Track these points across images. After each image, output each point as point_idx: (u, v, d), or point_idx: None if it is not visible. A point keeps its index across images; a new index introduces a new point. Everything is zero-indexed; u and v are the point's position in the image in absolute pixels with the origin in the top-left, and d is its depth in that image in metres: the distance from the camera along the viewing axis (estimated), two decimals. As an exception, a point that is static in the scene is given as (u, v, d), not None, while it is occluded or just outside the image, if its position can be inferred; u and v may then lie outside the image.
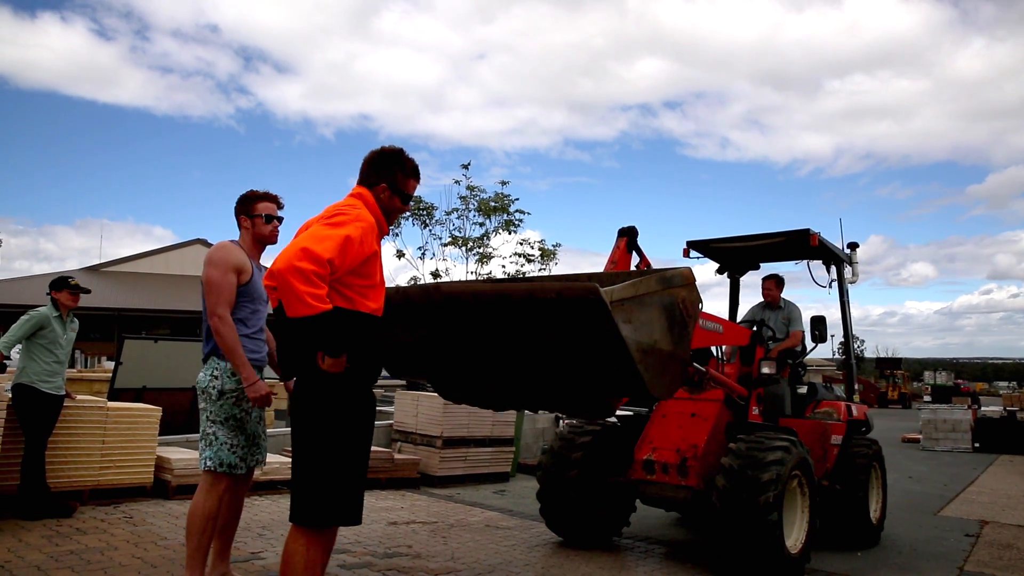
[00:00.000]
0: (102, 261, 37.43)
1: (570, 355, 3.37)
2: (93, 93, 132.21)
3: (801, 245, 6.21)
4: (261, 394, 3.46)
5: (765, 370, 5.60)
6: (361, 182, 3.00)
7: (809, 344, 6.37)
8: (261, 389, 3.47)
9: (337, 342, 2.66)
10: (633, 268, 5.59)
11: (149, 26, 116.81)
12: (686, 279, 3.81)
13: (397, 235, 20.47)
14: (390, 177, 2.97)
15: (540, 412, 9.63)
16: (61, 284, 5.50)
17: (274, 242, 3.80)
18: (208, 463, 3.50)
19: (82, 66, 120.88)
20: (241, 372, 3.44)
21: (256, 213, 3.73)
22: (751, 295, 13.46)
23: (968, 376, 78.34)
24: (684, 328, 3.74)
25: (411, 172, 3.03)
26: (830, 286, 6.79)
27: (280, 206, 3.82)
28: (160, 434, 6.43)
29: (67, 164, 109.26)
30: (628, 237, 5.60)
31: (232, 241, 3.71)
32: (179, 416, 7.95)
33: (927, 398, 37.21)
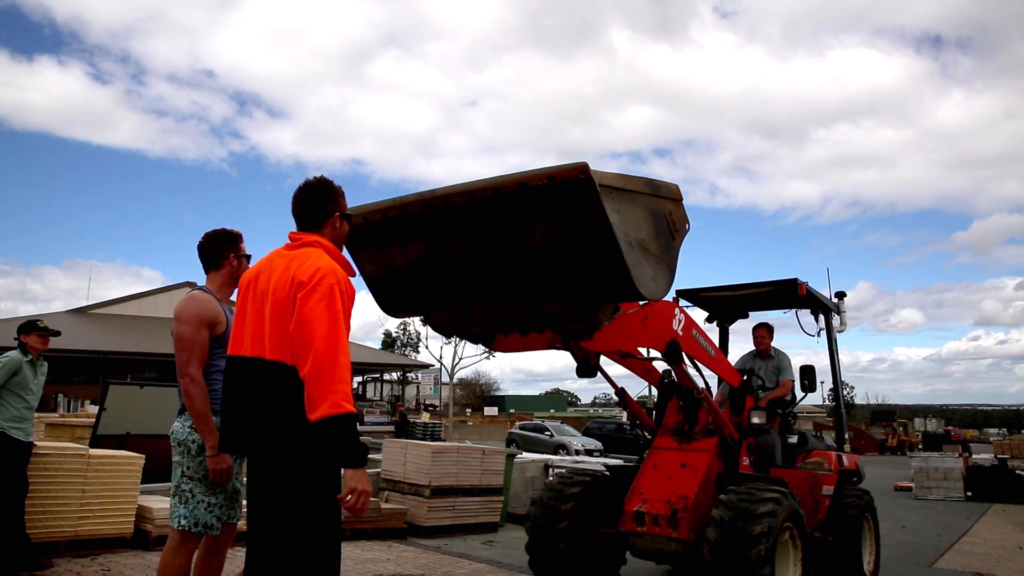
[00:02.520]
0: (89, 303, 37.28)
1: (561, 249, 3.35)
2: (87, 135, 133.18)
3: (789, 294, 6.26)
4: (223, 467, 3.25)
5: (755, 420, 5.58)
6: (307, 227, 2.86)
7: (799, 393, 6.36)
8: (224, 463, 3.25)
9: (361, 448, 2.51)
10: None
11: (145, 70, 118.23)
12: (674, 194, 3.80)
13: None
14: (332, 208, 2.88)
15: (525, 457, 9.48)
16: (30, 327, 5.41)
17: None
18: (182, 522, 3.27)
19: (77, 109, 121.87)
20: (207, 440, 3.24)
21: (242, 252, 3.67)
22: (740, 341, 13.51)
23: (958, 423, 78.18)
24: (671, 241, 3.72)
25: (342, 193, 2.95)
26: (818, 335, 6.83)
27: None
28: (143, 482, 6.30)
29: (57, 205, 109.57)
30: None
31: (201, 289, 3.58)
32: (162, 464, 7.79)
33: (920, 446, 37.21)
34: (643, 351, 5.38)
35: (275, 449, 2.63)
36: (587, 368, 4.86)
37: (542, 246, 3.39)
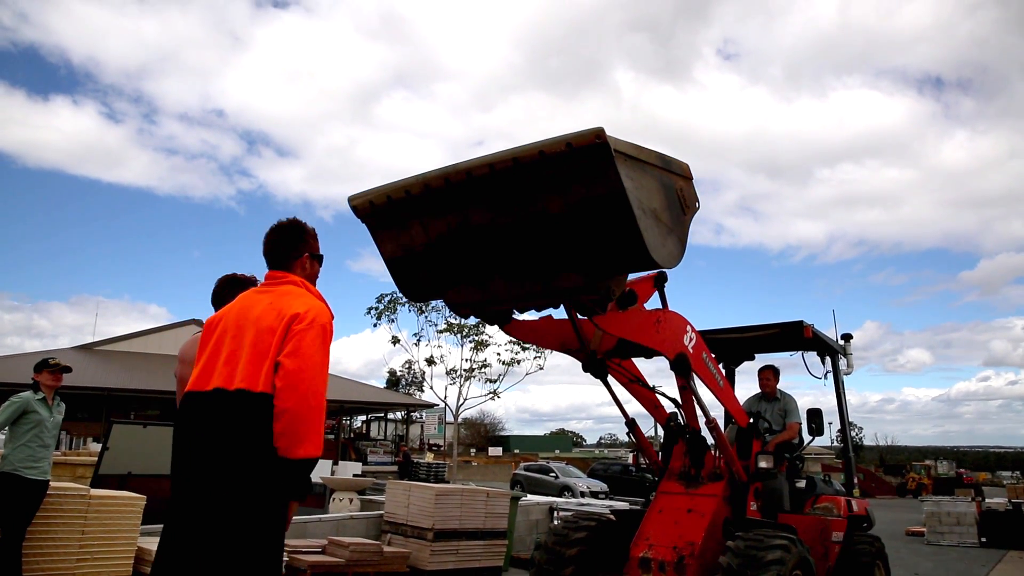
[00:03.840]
0: (95, 340, 37.40)
1: (577, 217, 3.41)
2: (98, 173, 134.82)
3: (795, 337, 6.24)
4: None
5: (762, 464, 5.51)
6: (278, 267, 2.88)
7: (806, 437, 6.30)
8: None
9: (309, 487, 2.59)
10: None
11: (157, 110, 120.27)
12: (684, 171, 3.86)
13: (392, 320, 20.47)
14: (303, 248, 2.91)
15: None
16: (41, 366, 5.49)
17: None
18: None
19: (89, 147, 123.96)
20: None
21: None
22: (746, 382, 13.42)
23: (970, 465, 76.94)
24: (681, 215, 3.77)
25: (314, 234, 2.99)
26: (825, 377, 6.78)
27: None
28: (143, 523, 6.24)
29: (66, 241, 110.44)
30: (657, 278, 5.54)
31: None
32: (164, 504, 7.74)
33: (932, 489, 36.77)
34: (649, 373, 5.42)
35: (231, 480, 2.49)
36: (595, 363, 4.91)
37: (559, 216, 3.46)
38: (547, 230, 3.56)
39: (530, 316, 4.68)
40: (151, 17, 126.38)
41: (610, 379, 5.37)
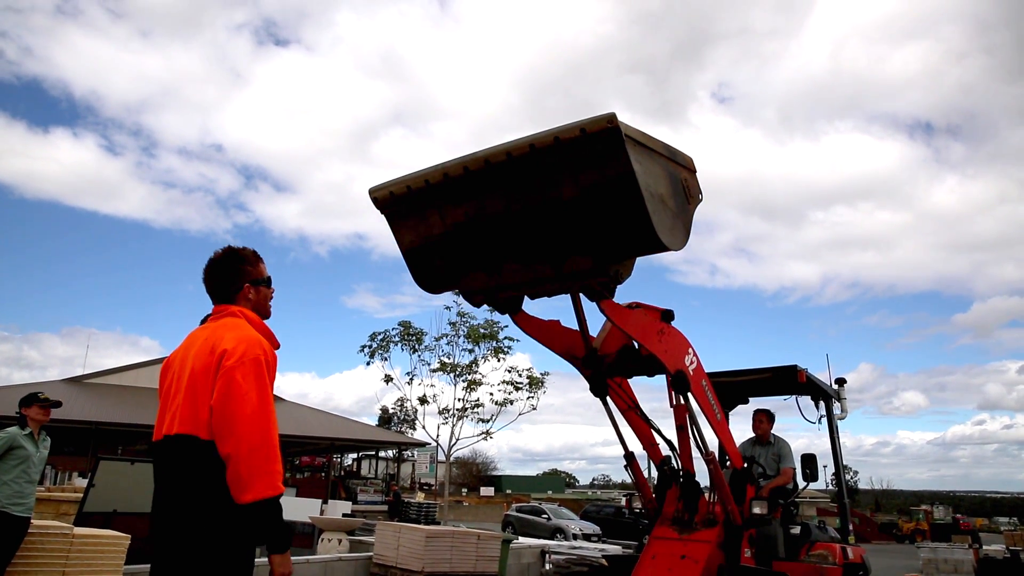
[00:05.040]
0: (85, 372, 37.01)
1: (589, 201, 3.54)
2: (95, 205, 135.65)
3: (789, 381, 6.23)
4: None
5: (756, 510, 5.45)
6: (224, 299, 2.74)
7: (800, 482, 6.24)
8: None
9: (287, 531, 2.40)
10: None
11: (157, 143, 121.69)
12: (689, 163, 3.99)
13: (385, 359, 20.37)
14: (242, 279, 2.74)
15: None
16: (30, 400, 5.41)
17: None
18: None
19: (87, 179, 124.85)
20: None
21: None
22: (740, 423, 13.34)
23: (966, 510, 76.13)
24: (686, 205, 3.89)
25: (257, 258, 2.83)
26: (820, 421, 6.75)
27: None
28: (128, 562, 6.10)
29: (60, 272, 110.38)
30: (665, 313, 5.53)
31: None
32: (149, 544, 7.60)
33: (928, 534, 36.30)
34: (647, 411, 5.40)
35: (186, 533, 2.40)
36: (598, 379, 5.05)
37: (571, 200, 3.58)
38: (559, 215, 3.69)
39: (539, 314, 4.93)
40: (154, 52, 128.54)
41: (611, 404, 5.41)
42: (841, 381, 6.90)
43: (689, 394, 4.93)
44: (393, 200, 4.20)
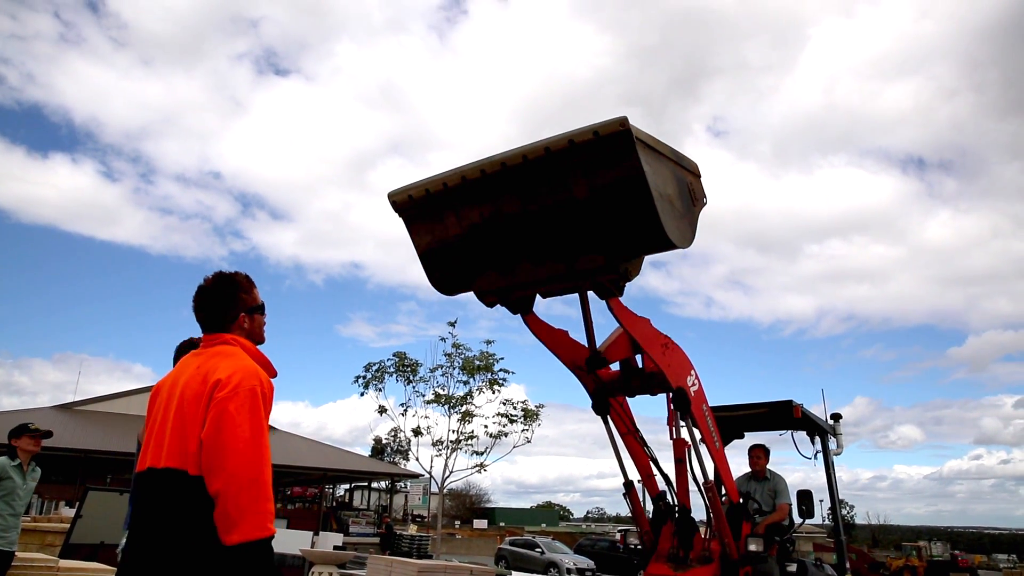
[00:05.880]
0: (76, 399, 36.68)
1: (600, 201, 3.68)
2: (92, 230, 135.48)
3: (784, 416, 6.22)
4: None
5: (752, 547, 5.39)
6: (217, 328, 2.57)
7: (796, 519, 6.19)
8: None
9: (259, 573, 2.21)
10: None
11: (155, 170, 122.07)
12: (694, 168, 4.11)
13: (380, 390, 20.29)
14: (237, 307, 2.59)
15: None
16: (20, 431, 5.30)
17: None
18: None
19: (85, 204, 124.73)
20: None
21: None
22: (737, 456, 13.26)
23: (964, 547, 75.37)
24: (691, 207, 4.01)
25: (250, 283, 2.67)
26: (815, 457, 6.72)
27: None
28: (111, 597, 6.00)
29: (52, 297, 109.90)
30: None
31: None
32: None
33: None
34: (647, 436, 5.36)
35: (155, 570, 2.23)
36: (602, 401, 5.13)
37: (584, 200, 3.72)
38: (573, 214, 3.82)
39: (547, 319, 4.99)
40: (155, 80, 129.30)
41: (612, 427, 5.40)
42: (836, 416, 6.88)
43: (689, 418, 4.91)
44: (411, 203, 4.34)
